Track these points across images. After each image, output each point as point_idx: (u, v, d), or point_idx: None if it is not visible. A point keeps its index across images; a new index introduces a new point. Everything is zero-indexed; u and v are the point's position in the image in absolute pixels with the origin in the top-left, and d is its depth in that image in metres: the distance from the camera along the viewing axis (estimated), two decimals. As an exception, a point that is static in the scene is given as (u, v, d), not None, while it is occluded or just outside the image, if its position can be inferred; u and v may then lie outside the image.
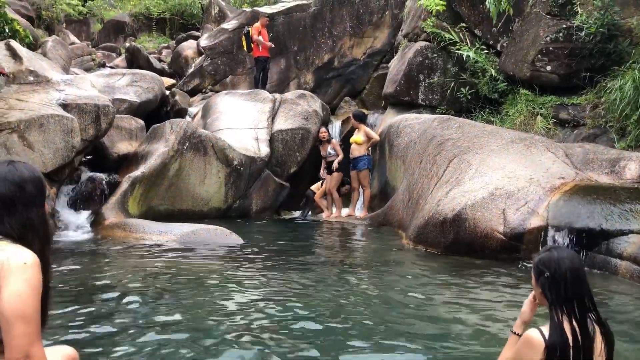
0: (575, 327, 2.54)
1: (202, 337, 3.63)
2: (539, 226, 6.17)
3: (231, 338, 3.60)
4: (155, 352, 3.39)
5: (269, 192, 10.98)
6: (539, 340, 2.51)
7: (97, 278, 5.56)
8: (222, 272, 6.00)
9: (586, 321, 2.58)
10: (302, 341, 3.51)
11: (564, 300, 2.56)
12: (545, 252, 2.68)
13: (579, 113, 9.12)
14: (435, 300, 4.81)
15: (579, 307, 2.58)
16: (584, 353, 2.54)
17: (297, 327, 3.84)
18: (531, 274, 2.71)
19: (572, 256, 2.67)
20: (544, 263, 2.61)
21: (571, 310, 2.56)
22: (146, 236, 7.70)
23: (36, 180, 2.16)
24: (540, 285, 2.62)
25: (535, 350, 2.51)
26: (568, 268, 2.58)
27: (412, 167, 8.86)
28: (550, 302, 2.58)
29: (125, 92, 11.90)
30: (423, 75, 11.39)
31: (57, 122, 8.04)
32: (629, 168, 6.96)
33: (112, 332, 3.81)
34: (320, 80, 14.36)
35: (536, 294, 2.69)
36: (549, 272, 2.58)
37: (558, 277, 2.57)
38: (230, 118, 11.54)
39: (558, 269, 2.57)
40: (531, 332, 2.56)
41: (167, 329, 3.81)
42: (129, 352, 3.37)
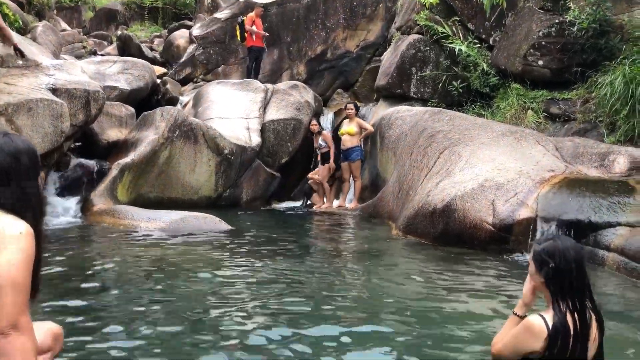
0: (576, 317, 2.54)
1: (189, 323, 3.60)
2: (528, 217, 6.20)
3: (217, 324, 3.58)
4: (140, 338, 3.34)
5: (259, 182, 10.95)
6: (541, 328, 2.51)
7: (84, 263, 5.53)
8: (210, 259, 5.98)
9: (586, 310, 2.58)
10: (291, 328, 3.50)
11: (568, 290, 2.54)
12: (549, 241, 2.63)
13: (569, 108, 9.16)
14: (423, 288, 4.82)
15: (580, 297, 2.58)
16: (581, 341, 2.55)
17: (285, 315, 3.82)
18: (530, 261, 2.67)
19: (576, 246, 2.64)
20: (548, 253, 2.57)
21: (573, 300, 2.55)
22: (135, 223, 7.65)
23: (31, 152, 2.16)
24: (543, 275, 2.58)
25: (537, 338, 2.51)
26: (573, 259, 2.56)
27: (403, 158, 8.87)
28: (553, 293, 2.56)
29: (116, 79, 11.81)
30: (415, 68, 11.39)
31: (46, 106, 7.96)
32: (618, 162, 7.00)
33: (97, 317, 3.78)
34: (313, 72, 14.32)
35: (535, 282, 2.65)
36: (553, 263, 2.55)
37: (563, 268, 2.54)
38: (222, 107, 11.48)
39: (563, 260, 2.54)
40: (533, 319, 2.55)
41: (153, 314, 3.78)
42: (114, 338, 3.32)
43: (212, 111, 11.43)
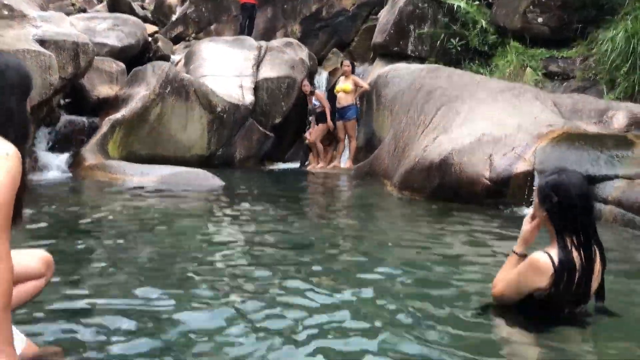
0: (581, 252, 2.48)
1: (178, 276, 3.48)
2: (525, 171, 6.12)
3: (207, 277, 3.47)
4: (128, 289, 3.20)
5: (252, 141, 10.81)
6: (547, 265, 2.45)
7: (73, 216, 5.42)
8: (203, 212, 5.90)
9: (591, 247, 2.52)
10: (283, 279, 3.41)
11: (571, 225, 2.48)
12: (554, 174, 2.55)
13: (568, 66, 9.03)
14: (419, 239, 4.75)
15: (585, 233, 2.50)
16: (586, 276, 2.50)
17: (278, 266, 3.72)
18: (535, 193, 2.60)
19: (582, 181, 2.57)
20: (552, 187, 2.50)
21: (578, 235, 2.49)
22: (126, 177, 7.54)
23: (20, 70, 2.06)
24: (546, 209, 2.52)
25: (543, 275, 2.45)
26: (578, 195, 2.48)
27: (400, 116, 8.74)
28: (557, 227, 2.51)
29: (106, 35, 11.51)
30: (413, 26, 11.16)
31: (34, 57, 7.74)
32: (617, 118, 6.91)
33: (85, 268, 3.68)
34: (307, 31, 14.03)
35: (538, 216, 2.59)
36: (557, 198, 2.48)
37: (567, 203, 2.48)
38: (214, 65, 11.25)
39: (568, 195, 2.47)
40: (539, 256, 2.49)
41: (142, 266, 3.66)
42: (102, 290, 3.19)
43: (204, 69, 11.20)
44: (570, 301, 2.54)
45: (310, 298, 2.96)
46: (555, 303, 2.52)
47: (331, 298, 2.97)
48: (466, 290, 3.20)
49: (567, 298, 2.51)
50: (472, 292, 3.15)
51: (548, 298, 2.49)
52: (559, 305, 2.54)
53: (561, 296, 2.48)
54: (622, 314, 2.75)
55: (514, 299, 2.61)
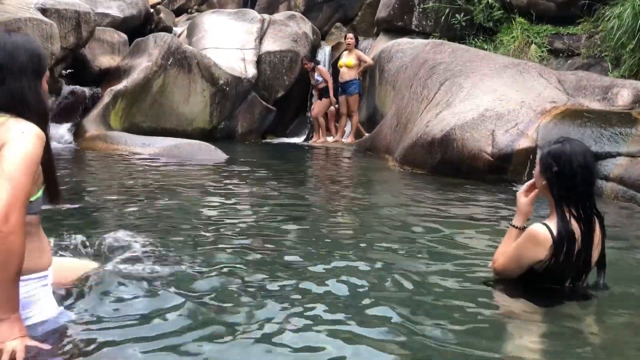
0: (581, 224, 2.47)
1: (179, 245, 3.49)
2: (527, 147, 6.11)
3: (209, 244, 3.48)
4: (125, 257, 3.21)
5: (255, 115, 10.78)
6: (546, 236, 2.43)
7: (75, 185, 5.43)
8: (206, 183, 5.91)
9: (591, 218, 2.50)
10: (283, 248, 3.42)
11: (571, 195, 2.46)
12: (557, 143, 2.51)
13: (574, 43, 8.95)
14: (420, 212, 4.77)
15: (584, 204, 2.49)
16: (586, 246, 2.50)
17: (278, 237, 3.73)
18: (537, 162, 2.57)
19: (585, 151, 2.51)
20: (553, 156, 2.46)
21: (577, 206, 2.47)
22: (128, 148, 7.55)
23: (31, 50, 2.01)
24: (546, 178, 2.49)
25: (542, 246, 2.44)
26: (579, 165, 2.44)
27: (402, 91, 8.69)
28: (558, 196, 2.47)
29: (107, 6, 11.42)
30: (417, 0, 11.03)
31: (36, 26, 7.68)
32: (622, 95, 6.87)
33: (83, 232, 3.70)
34: (311, 5, 13.84)
35: (538, 185, 2.57)
36: (557, 167, 2.44)
37: (567, 173, 2.44)
38: (217, 37, 11.17)
39: (568, 165, 2.43)
40: (537, 227, 2.47)
41: (142, 231, 3.67)
42: (97, 253, 3.20)
43: (206, 41, 11.13)
44: (571, 273, 2.53)
45: (308, 269, 2.97)
46: (556, 275, 2.51)
47: (327, 267, 2.99)
48: (465, 263, 3.22)
49: (568, 270, 2.50)
50: (471, 265, 3.18)
51: (548, 270, 2.48)
52: (560, 278, 2.53)
53: (561, 268, 2.48)
54: (622, 289, 2.77)
55: (515, 273, 2.60)
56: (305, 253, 3.29)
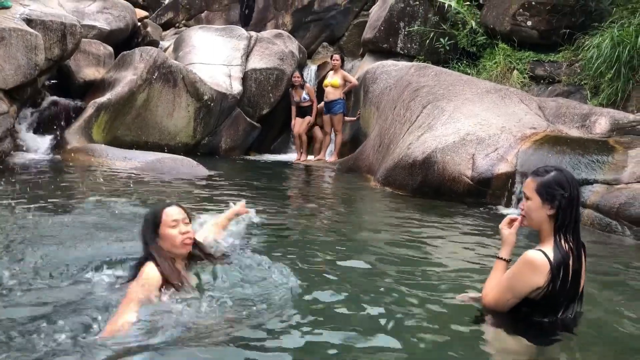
0: (574, 249, 2.49)
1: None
2: (507, 172, 6.19)
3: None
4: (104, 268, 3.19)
5: (239, 131, 10.79)
6: (544, 262, 2.42)
7: (52, 197, 5.37)
8: (185, 199, 5.87)
9: (580, 243, 2.54)
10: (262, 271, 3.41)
11: (572, 222, 2.49)
12: (555, 172, 2.52)
13: (554, 70, 9.11)
14: (400, 234, 4.79)
15: (577, 231, 2.53)
16: (578, 274, 2.51)
17: (257, 257, 3.72)
18: (534, 194, 2.52)
19: (575, 177, 2.61)
20: (559, 183, 2.48)
21: (572, 233, 2.51)
22: (109, 161, 7.50)
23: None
24: (555, 205, 2.47)
25: (540, 272, 2.42)
26: (579, 190, 2.54)
27: (386, 113, 8.78)
28: (561, 223, 2.48)
29: (94, 18, 11.42)
30: (403, 23, 11.19)
31: (20, 37, 7.64)
32: (599, 123, 7.00)
33: (60, 244, 3.66)
34: (298, 23, 13.99)
35: (536, 215, 2.53)
36: (567, 193, 2.46)
37: (573, 197, 2.49)
38: (203, 53, 11.19)
39: (574, 190, 2.49)
40: (534, 254, 2.46)
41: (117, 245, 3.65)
42: (75, 269, 3.17)
43: (193, 56, 11.14)
44: (564, 302, 2.51)
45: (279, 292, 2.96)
46: (551, 304, 2.49)
47: (307, 293, 2.98)
48: (442, 287, 3.24)
49: (562, 299, 2.49)
50: (449, 289, 3.19)
51: (544, 299, 2.46)
52: (554, 307, 2.50)
53: (557, 296, 2.46)
54: (601, 320, 2.78)
55: (509, 304, 2.54)
56: (280, 274, 3.28)
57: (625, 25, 8.02)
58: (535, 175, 2.55)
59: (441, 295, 3.04)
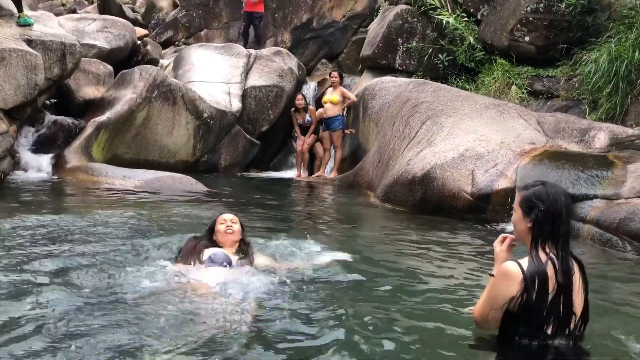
0: (556, 262, 2.48)
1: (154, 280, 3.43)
2: (506, 188, 6.18)
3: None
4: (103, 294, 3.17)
5: (238, 148, 10.80)
6: (515, 271, 2.45)
7: (51, 216, 5.35)
8: (185, 218, 5.86)
9: (568, 258, 2.53)
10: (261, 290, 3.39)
11: (551, 235, 2.50)
12: (538, 186, 2.57)
13: (553, 85, 9.14)
14: (399, 251, 4.77)
15: (564, 244, 2.53)
16: (565, 289, 2.49)
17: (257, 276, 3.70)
18: (516, 207, 2.58)
19: (565, 193, 2.62)
20: (538, 196, 2.51)
21: (556, 245, 2.50)
22: (109, 180, 7.50)
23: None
24: (532, 218, 2.52)
25: (512, 282, 2.44)
26: (564, 205, 2.53)
27: (385, 129, 8.79)
28: (537, 235, 2.51)
29: (94, 37, 11.50)
30: (402, 40, 11.25)
31: (20, 57, 7.68)
32: (599, 138, 7.01)
33: (58, 261, 3.65)
34: (297, 41, 14.07)
35: (519, 228, 2.58)
36: (544, 206, 2.50)
37: (553, 211, 2.50)
38: (203, 71, 11.24)
39: (554, 204, 2.50)
40: (508, 264, 2.50)
41: (117, 268, 3.63)
42: (74, 291, 3.16)
43: (192, 74, 11.20)
44: (550, 318, 2.47)
45: (286, 307, 2.95)
46: (534, 318, 2.46)
47: (309, 311, 2.97)
48: (440, 304, 3.22)
49: (546, 314, 2.45)
50: (448, 305, 3.17)
51: (524, 311, 2.44)
52: (538, 323, 2.47)
53: (537, 307, 2.43)
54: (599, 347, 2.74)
55: (492, 316, 2.54)
56: (277, 290, 3.26)
57: (622, 40, 8.05)
58: (521, 189, 2.64)
59: (436, 311, 3.02)
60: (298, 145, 10.93)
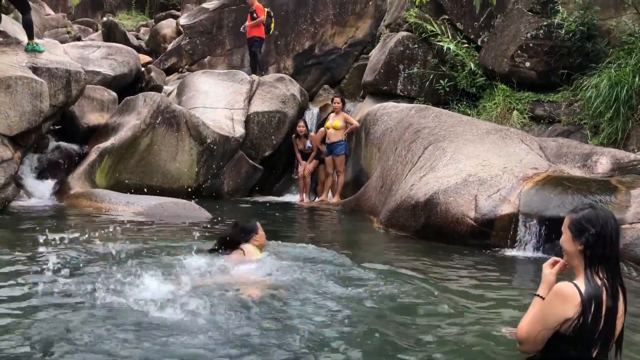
0: (607, 286, 2.48)
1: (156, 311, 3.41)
2: (510, 213, 6.17)
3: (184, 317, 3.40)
4: (104, 323, 3.16)
5: (241, 174, 10.83)
6: (574, 292, 2.43)
7: (54, 243, 5.33)
8: (187, 244, 5.84)
9: (617, 282, 2.53)
10: (265, 320, 3.37)
11: (603, 259, 2.50)
12: (587, 209, 2.57)
13: (554, 110, 9.19)
14: (404, 278, 4.74)
15: (612, 270, 2.53)
16: (611, 313, 2.48)
17: (261, 305, 3.68)
18: (565, 230, 2.57)
19: (614, 216, 2.62)
20: (589, 220, 2.52)
21: (607, 269, 2.51)
22: (112, 206, 7.50)
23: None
24: (582, 241, 2.51)
25: (570, 303, 2.42)
26: (614, 228, 2.54)
27: (387, 154, 8.82)
28: (590, 259, 2.51)
29: (99, 64, 11.63)
30: (403, 66, 11.36)
31: (26, 84, 7.76)
32: (601, 162, 7.02)
33: (63, 294, 3.63)
34: (300, 67, 14.23)
35: (569, 250, 2.57)
36: (594, 230, 2.50)
37: (604, 235, 2.50)
38: (206, 97, 11.34)
39: (605, 227, 2.51)
40: (564, 284, 2.48)
41: (118, 295, 3.61)
42: (79, 321, 3.15)
43: (196, 100, 11.29)
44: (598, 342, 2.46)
45: (289, 334, 2.93)
46: (584, 341, 2.45)
47: (312, 335, 2.95)
48: (449, 336, 3.19)
49: (596, 337, 2.45)
50: (459, 328, 3.15)
51: (576, 333, 2.43)
52: (587, 346, 2.46)
53: (589, 333, 2.43)
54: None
55: (541, 336, 2.51)
56: (281, 315, 3.24)
57: (622, 65, 8.13)
58: (570, 212, 2.63)
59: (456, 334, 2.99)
60: (300, 171, 10.97)
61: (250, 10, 12.42)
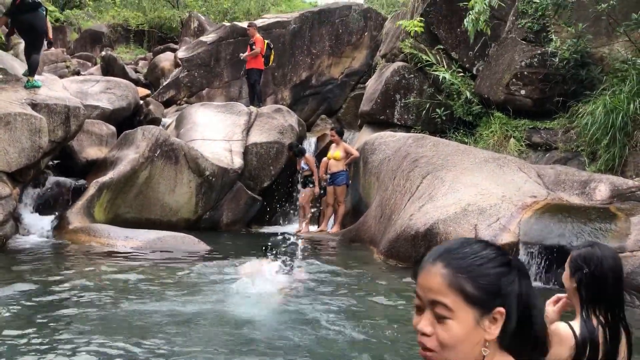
0: (606, 330, 2.41)
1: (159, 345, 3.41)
2: (510, 242, 6.15)
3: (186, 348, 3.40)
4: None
5: (240, 205, 10.82)
6: (567, 334, 2.38)
7: (51, 280, 5.32)
8: (187, 279, 5.82)
9: (618, 325, 2.48)
10: (266, 355, 3.35)
11: (599, 300, 2.43)
12: (587, 247, 2.52)
13: (551, 137, 9.24)
14: (406, 310, 4.71)
15: (613, 310, 2.46)
16: (609, 356, 2.44)
17: (259, 338, 3.67)
18: (566, 266, 2.51)
19: (615, 256, 2.53)
20: (584, 259, 2.45)
21: (605, 312, 2.44)
22: (111, 241, 7.47)
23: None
24: (576, 280, 2.45)
25: (564, 345, 2.36)
26: (611, 268, 2.45)
27: (386, 183, 8.83)
28: (584, 300, 2.44)
29: (98, 98, 11.71)
30: (399, 95, 11.46)
31: (25, 121, 7.80)
32: (599, 189, 7.02)
33: (63, 332, 3.61)
34: (297, 97, 14.36)
35: (567, 287, 2.52)
36: (588, 269, 2.43)
37: (598, 275, 2.43)
38: (205, 129, 11.39)
39: (599, 267, 2.43)
40: (559, 325, 2.43)
41: (120, 334, 3.60)
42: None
43: (194, 133, 11.33)
44: None
45: None
46: None
47: None
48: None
49: None
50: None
51: None
52: None
53: None
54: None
55: None
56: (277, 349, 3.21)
57: (616, 92, 8.19)
58: (573, 248, 2.59)
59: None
60: (299, 200, 10.97)
61: (250, 42, 12.55)
